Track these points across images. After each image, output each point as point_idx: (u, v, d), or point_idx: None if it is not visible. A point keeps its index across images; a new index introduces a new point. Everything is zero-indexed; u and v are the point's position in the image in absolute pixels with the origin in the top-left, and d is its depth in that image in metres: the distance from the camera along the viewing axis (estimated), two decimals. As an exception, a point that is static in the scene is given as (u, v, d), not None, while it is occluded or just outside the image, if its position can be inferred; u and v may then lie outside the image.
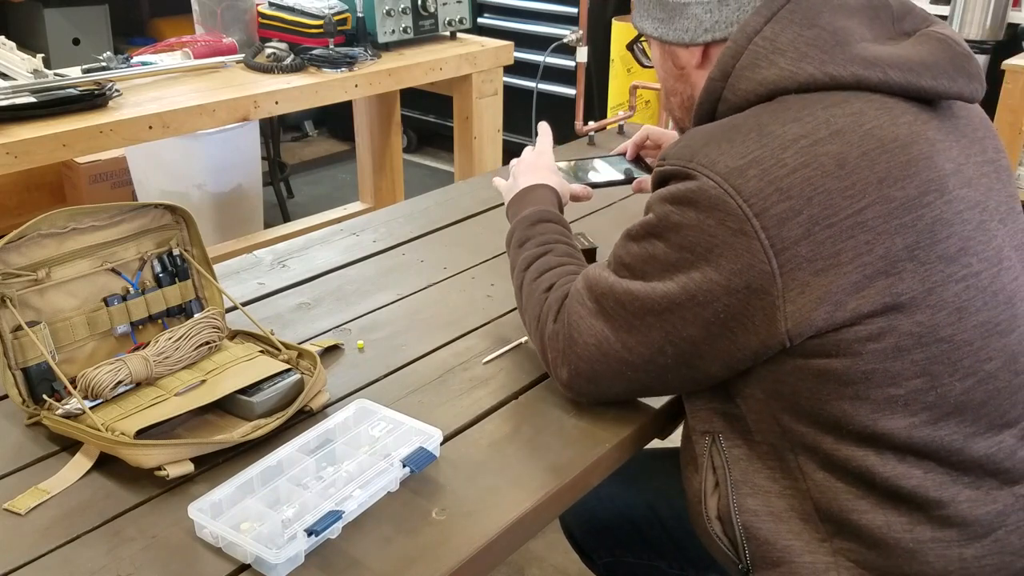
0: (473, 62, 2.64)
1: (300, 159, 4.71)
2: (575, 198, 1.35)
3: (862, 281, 0.86)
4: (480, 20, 4.15)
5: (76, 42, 4.12)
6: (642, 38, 1.21)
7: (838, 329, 0.87)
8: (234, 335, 1.22)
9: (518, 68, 3.05)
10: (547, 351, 1.07)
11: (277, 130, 4.02)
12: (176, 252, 1.20)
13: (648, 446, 1.15)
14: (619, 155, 1.53)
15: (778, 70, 0.92)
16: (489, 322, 1.33)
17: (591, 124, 2.13)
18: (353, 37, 2.50)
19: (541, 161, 1.32)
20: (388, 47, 2.59)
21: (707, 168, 0.89)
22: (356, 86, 2.39)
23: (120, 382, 1.05)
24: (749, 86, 0.93)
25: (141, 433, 0.99)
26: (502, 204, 1.76)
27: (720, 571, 1.10)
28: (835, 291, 0.86)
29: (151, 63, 2.31)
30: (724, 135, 0.91)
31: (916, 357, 0.88)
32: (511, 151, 3.07)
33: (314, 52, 2.40)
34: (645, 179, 1.42)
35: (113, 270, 1.15)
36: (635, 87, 2.19)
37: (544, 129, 1.39)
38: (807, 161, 0.87)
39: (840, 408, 0.91)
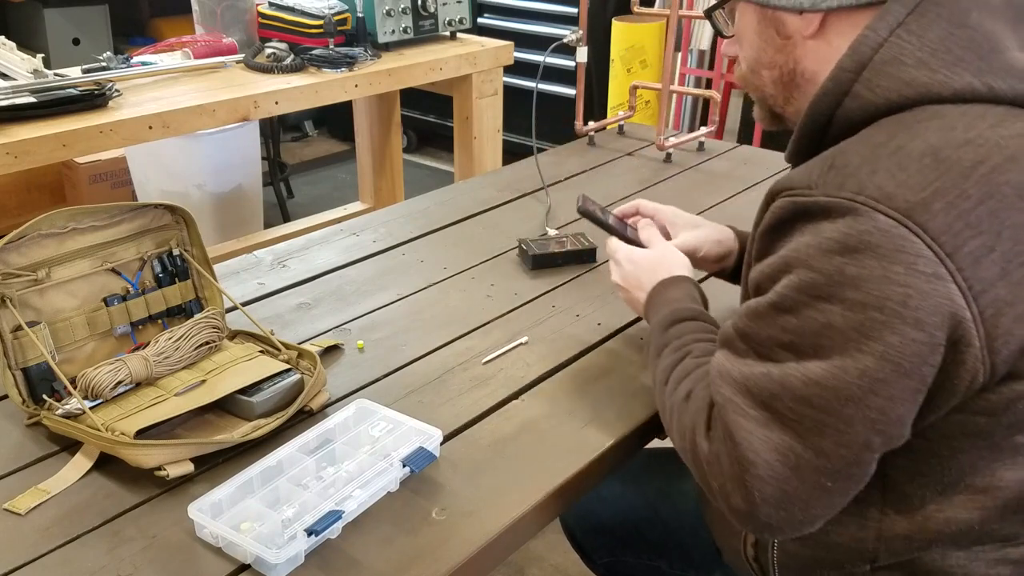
0: (473, 62, 2.64)
1: (300, 159, 4.72)
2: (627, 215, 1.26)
3: None
4: (480, 20, 4.15)
5: (76, 42, 4.12)
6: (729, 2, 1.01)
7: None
8: (234, 335, 1.22)
9: (518, 68, 3.04)
10: (708, 478, 0.85)
11: (277, 130, 4.02)
12: (176, 252, 1.20)
13: (648, 446, 1.15)
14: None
15: (929, 72, 0.81)
16: (489, 322, 1.33)
17: (591, 124, 2.13)
18: (353, 37, 2.50)
19: (666, 256, 1.15)
20: (388, 47, 2.58)
21: (883, 202, 0.75)
22: (356, 86, 2.38)
23: (120, 382, 1.05)
24: (892, 84, 0.82)
25: (141, 433, 0.99)
26: (502, 204, 1.77)
27: (724, 572, 1.09)
28: None
29: (151, 63, 2.31)
30: (891, 159, 0.78)
31: None
32: (511, 151, 3.08)
33: (314, 52, 2.40)
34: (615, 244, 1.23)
35: (113, 270, 1.15)
36: (635, 87, 2.19)
37: (651, 233, 1.20)
38: (990, 191, 0.76)
39: (970, 459, 0.84)
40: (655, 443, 1.16)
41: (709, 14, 1.02)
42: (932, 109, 0.80)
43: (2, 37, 2.18)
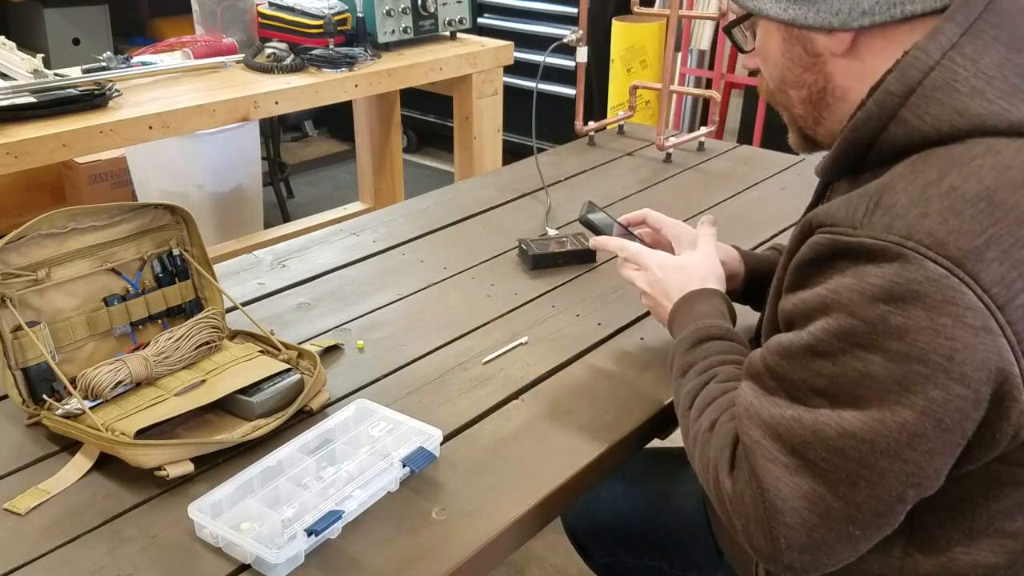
0: (473, 62, 2.64)
1: (300, 159, 4.72)
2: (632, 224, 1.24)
3: None
4: (480, 20, 4.15)
5: (76, 42, 4.12)
6: (751, 17, 0.94)
7: None
8: (234, 335, 1.22)
9: (518, 68, 3.04)
10: (732, 517, 0.83)
11: (277, 130, 4.02)
12: (176, 252, 1.20)
13: (649, 446, 1.15)
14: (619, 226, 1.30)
15: (985, 103, 0.75)
16: (489, 322, 1.33)
17: (591, 124, 2.13)
18: (353, 37, 2.50)
19: (700, 266, 1.11)
20: (388, 47, 2.58)
21: (933, 249, 0.71)
22: (356, 86, 2.38)
23: (120, 382, 1.05)
24: (943, 113, 0.76)
25: (141, 433, 0.99)
26: (502, 204, 1.77)
27: (725, 574, 1.09)
28: None
29: (151, 63, 2.31)
30: (942, 201, 0.73)
31: None
32: (511, 151, 3.08)
33: (314, 52, 2.40)
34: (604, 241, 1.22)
35: (113, 270, 1.15)
36: (635, 87, 2.19)
37: (706, 233, 1.15)
38: None
39: (1003, 506, 0.82)
40: (655, 443, 1.17)
41: (728, 31, 0.97)
42: (986, 143, 0.75)
43: (2, 37, 2.18)
